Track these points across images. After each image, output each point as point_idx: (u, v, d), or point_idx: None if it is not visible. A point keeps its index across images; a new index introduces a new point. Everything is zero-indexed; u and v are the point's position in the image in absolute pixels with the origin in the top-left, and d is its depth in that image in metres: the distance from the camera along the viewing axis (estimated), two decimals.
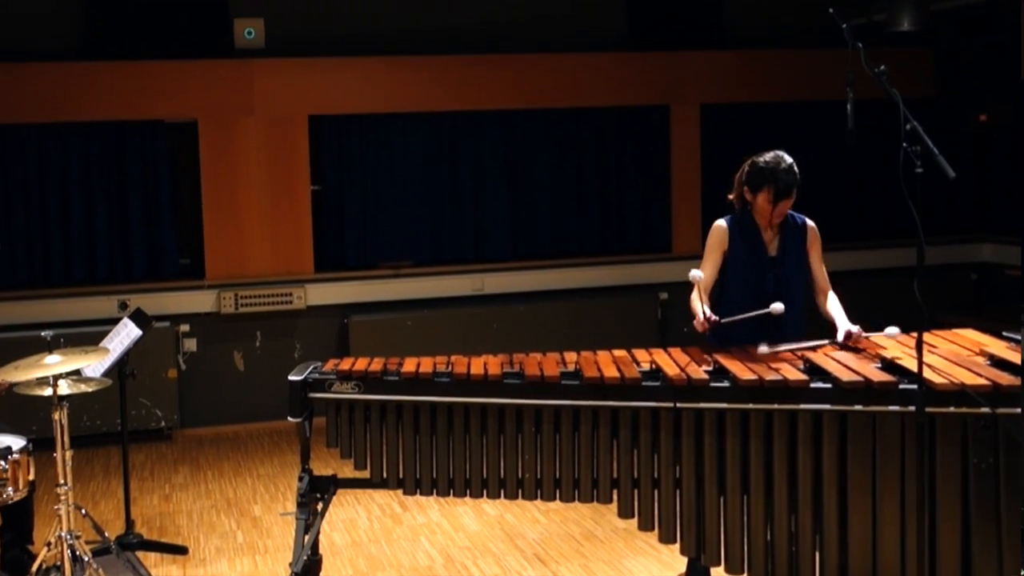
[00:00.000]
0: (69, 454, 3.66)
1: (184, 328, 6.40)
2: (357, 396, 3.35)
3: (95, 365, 4.14)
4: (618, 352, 3.50)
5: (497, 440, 3.30)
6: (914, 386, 2.86)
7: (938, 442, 3.00)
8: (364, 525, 4.83)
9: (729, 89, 7.07)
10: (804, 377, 3.13)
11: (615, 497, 3.26)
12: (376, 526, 4.82)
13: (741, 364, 3.25)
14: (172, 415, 6.29)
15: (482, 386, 3.29)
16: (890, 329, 3.45)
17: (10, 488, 3.77)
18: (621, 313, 6.87)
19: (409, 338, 6.46)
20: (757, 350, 3.40)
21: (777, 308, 3.42)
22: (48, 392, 3.66)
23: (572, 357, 3.46)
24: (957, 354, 3.30)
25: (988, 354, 3.27)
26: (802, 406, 3.08)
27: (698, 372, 3.21)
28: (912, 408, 2.89)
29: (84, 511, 3.96)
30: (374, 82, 6.57)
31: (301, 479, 3.48)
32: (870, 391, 3.04)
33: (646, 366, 3.34)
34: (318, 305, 6.59)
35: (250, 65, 6.41)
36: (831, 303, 3.63)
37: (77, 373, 3.96)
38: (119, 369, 4.30)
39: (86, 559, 3.66)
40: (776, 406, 3.09)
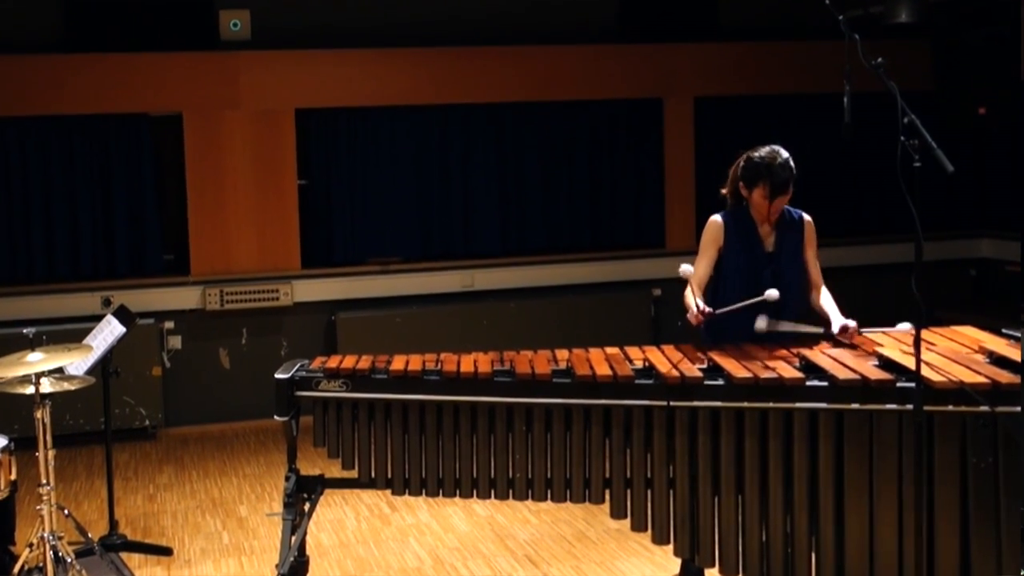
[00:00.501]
0: (51, 453, 3.65)
1: (169, 325, 6.38)
2: (345, 394, 3.33)
3: (78, 363, 4.12)
4: (610, 349, 3.47)
5: (487, 439, 3.27)
6: (912, 384, 2.83)
7: (936, 441, 2.98)
8: (352, 526, 4.81)
9: (723, 82, 7.04)
10: (800, 375, 3.10)
11: (607, 497, 3.23)
12: (364, 527, 4.80)
13: (735, 362, 3.23)
14: (156, 414, 6.26)
15: (472, 384, 3.26)
16: (902, 325, 3.40)
17: None
18: (613, 310, 6.85)
19: (398, 335, 6.44)
20: (755, 324, 3.38)
21: (772, 295, 3.39)
22: (30, 390, 3.64)
23: (564, 355, 3.44)
24: (956, 351, 3.28)
25: (987, 351, 3.24)
26: (798, 404, 3.05)
27: (692, 370, 3.19)
28: (910, 406, 2.86)
29: (67, 511, 3.95)
30: (362, 75, 6.54)
31: (288, 479, 3.46)
32: (867, 389, 3.02)
33: (639, 364, 3.31)
34: (305, 302, 6.57)
35: (236, 57, 6.37)
36: (824, 298, 3.62)
37: (60, 371, 3.94)
38: (102, 367, 4.28)
39: (69, 560, 3.64)
40: (771, 404, 3.06)
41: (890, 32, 6.62)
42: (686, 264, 3.46)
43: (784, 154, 3.47)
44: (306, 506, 3.50)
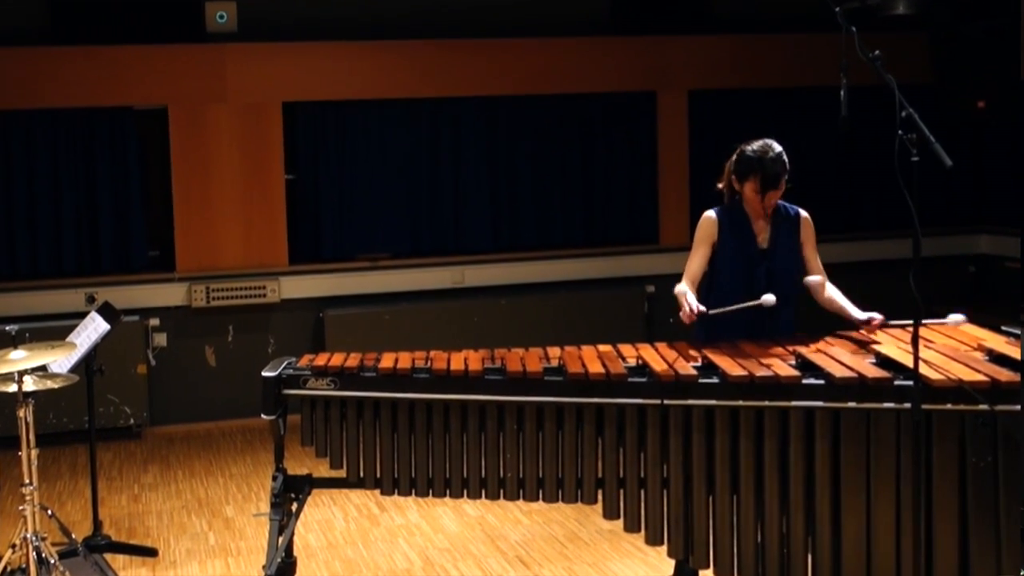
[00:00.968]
0: (35, 453, 3.63)
1: (154, 322, 6.33)
2: (333, 393, 3.31)
3: (62, 361, 4.10)
4: (603, 347, 3.45)
5: (478, 438, 3.26)
6: (910, 382, 2.83)
7: (935, 440, 2.97)
8: (340, 526, 4.79)
9: (718, 75, 7.00)
10: (796, 373, 3.10)
11: (600, 497, 3.22)
12: (353, 527, 4.78)
13: (730, 360, 3.21)
14: (141, 412, 6.22)
15: (462, 382, 3.25)
16: (954, 316, 3.37)
17: None
18: (606, 306, 6.82)
19: (387, 333, 6.42)
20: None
21: (768, 300, 3.38)
22: (13, 388, 3.62)
23: (555, 352, 3.42)
24: (954, 349, 3.26)
25: (986, 349, 3.23)
26: (794, 403, 3.04)
27: (686, 368, 3.17)
28: (908, 405, 2.86)
29: (50, 512, 3.96)
30: (351, 68, 6.51)
31: (275, 478, 3.44)
32: (864, 387, 3.01)
33: (632, 361, 3.30)
34: (292, 298, 6.53)
35: (222, 50, 6.33)
36: (832, 292, 3.61)
37: (43, 369, 3.90)
38: (86, 365, 4.26)
39: (52, 561, 3.63)
40: (767, 403, 3.05)
41: (888, 24, 6.60)
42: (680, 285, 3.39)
43: (777, 148, 3.44)
44: (294, 506, 3.49)
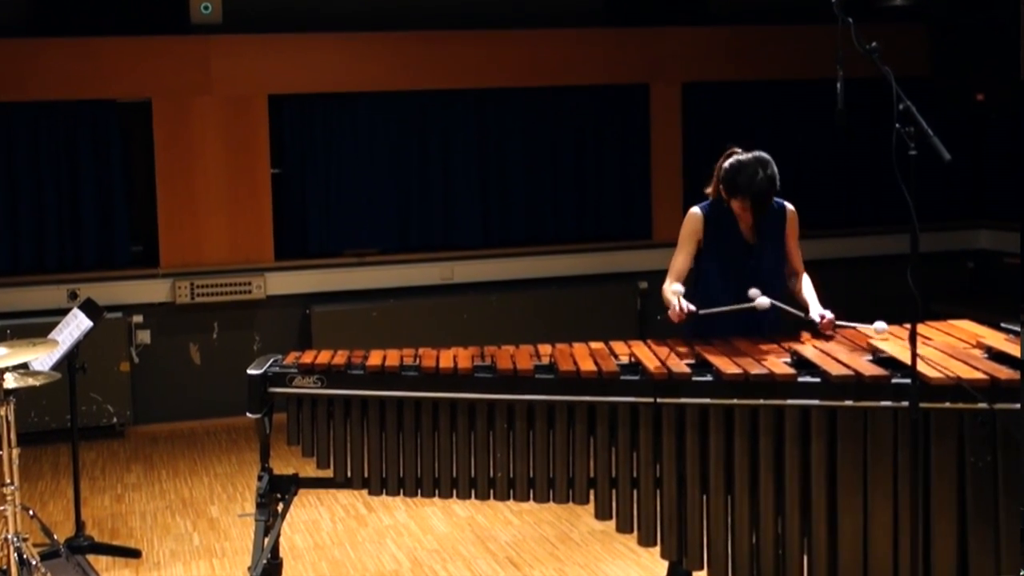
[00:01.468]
0: (16, 452, 3.61)
1: (137, 319, 6.29)
2: (319, 391, 3.29)
3: (43, 358, 4.07)
4: (595, 344, 3.44)
5: (468, 437, 3.23)
6: (907, 380, 2.82)
7: (933, 439, 2.95)
8: (327, 527, 4.78)
9: (712, 67, 6.98)
10: (791, 371, 3.08)
11: (592, 497, 3.20)
12: (340, 528, 4.76)
13: (725, 357, 3.19)
14: (124, 411, 6.18)
15: (452, 380, 3.23)
16: (878, 324, 3.32)
17: None
18: (598, 303, 6.80)
19: (375, 330, 6.39)
20: (749, 292, 3.38)
21: (763, 303, 3.38)
22: None
23: (546, 350, 3.39)
24: (953, 346, 3.25)
25: (985, 346, 3.22)
26: (789, 401, 3.02)
27: (679, 365, 3.15)
28: (905, 403, 2.86)
29: (32, 512, 3.96)
30: (338, 60, 6.48)
31: (260, 478, 3.42)
32: (861, 385, 2.99)
33: (625, 359, 3.28)
34: (279, 295, 6.50)
35: (207, 42, 6.29)
36: (804, 285, 3.61)
37: (24, 366, 3.86)
38: (69, 362, 4.24)
39: (34, 563, 3.60)
40: (762, 401, 3.03)
41: (885, 16, 6.60)
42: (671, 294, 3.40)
43: (768, 169, 3.39)
44: (279, 506, 3.47)
